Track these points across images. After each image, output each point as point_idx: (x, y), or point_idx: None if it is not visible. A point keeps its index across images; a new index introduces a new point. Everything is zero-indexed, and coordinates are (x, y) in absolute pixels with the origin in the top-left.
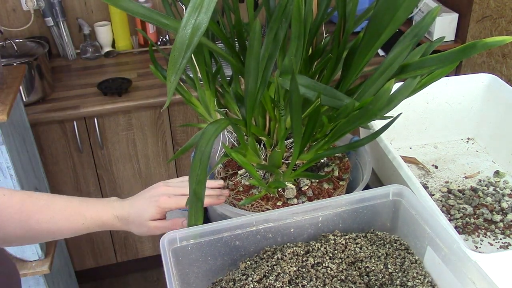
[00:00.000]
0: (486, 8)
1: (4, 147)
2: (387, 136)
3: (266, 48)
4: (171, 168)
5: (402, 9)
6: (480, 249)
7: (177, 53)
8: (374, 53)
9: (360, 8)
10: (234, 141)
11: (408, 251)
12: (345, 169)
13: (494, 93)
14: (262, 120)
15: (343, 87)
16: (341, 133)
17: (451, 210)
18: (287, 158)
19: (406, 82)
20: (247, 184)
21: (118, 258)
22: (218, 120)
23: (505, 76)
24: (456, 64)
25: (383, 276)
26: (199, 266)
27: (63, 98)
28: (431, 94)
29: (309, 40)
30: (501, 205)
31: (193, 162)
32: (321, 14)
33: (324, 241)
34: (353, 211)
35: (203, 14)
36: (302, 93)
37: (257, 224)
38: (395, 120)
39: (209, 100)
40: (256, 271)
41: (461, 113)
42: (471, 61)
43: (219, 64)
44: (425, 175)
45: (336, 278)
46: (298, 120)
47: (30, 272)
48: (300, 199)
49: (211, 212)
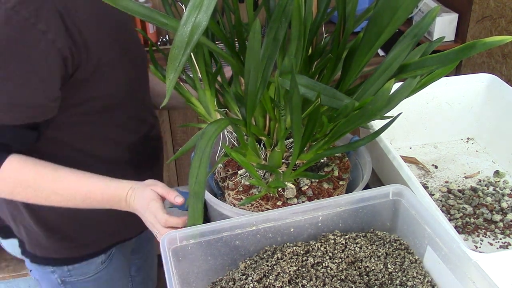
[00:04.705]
0: (486, 8)
1: None
2: (387, 136)
3: (266, 48)
4: (171, 168)
5: (402, 9)
6: (480, 249)
7: (177, 51)
8: (374, 53)
9: (360, 8)
10: (234, 141)
11: (408, 250)
12: (345, 169)
13: (494, 93)
14: (262, 120)
15: (343, 87)
16: (341, 133)
17: (451, 210)
18: (287, 158)
19: (406, 82)
20: (247, 184)
21: None
22: (218, 120)
23: (505, 76)
24: (456, 64)
25: (383, 276)
26: (199, 265)
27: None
28: (431, 94)
29: (309, 40)
30: (501, 205)
31: (193, 162)
32: (321, 14)
33: (324, 241)
34: (353, 211)
35: (203, 13)
36: (302, 93)
37: (257, 224)
38: (395, 120)
39: (209, 100)
40: (256, 270)
41: (461, 113)
42: (471, 61)
43: (219, 64)
44: (425, 175)
45: (336, 277)
46: (298, 120)
47: None
48: (300, 199)
49: (211, 212)
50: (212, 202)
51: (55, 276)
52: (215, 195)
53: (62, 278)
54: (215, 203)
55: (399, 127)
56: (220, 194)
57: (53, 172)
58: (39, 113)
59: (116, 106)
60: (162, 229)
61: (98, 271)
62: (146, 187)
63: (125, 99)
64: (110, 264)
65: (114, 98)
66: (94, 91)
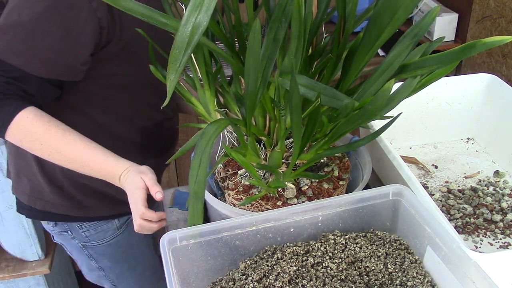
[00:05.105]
0: (486, 8)
1: (4, 147)
2: (387, 136)
3: (266, 48)
4: (171, 168)
5: (402, 9)
6: (480, 249)
7: (177, 51)
8: (374, 53)
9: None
10: (234, 141)
11: (408, 250)
12: (345, 169)
13: (494, 93)
14: (262, 120)
15: (343, 87)
16: (341, 133)
17: (451, 210)
18: (287, 158)
19: (406, 82)
20: (247, 184)
21: None
22: (218, 120)
23: (505, 76)
24: (456, 64)
25: (383, 276)
26: (199, 265)
27: None
28: (431, 94)
29: (309, 40)
30: (501, 205)
31: (193, 162)
32: (321, 14)
33: (324, 241)
34: (353, 211)
35: (204, 13)
36: (302, 93)
37: (257, 224)
38: (395, 120)
39: (209, 100)
40: (256, 270)
41: (461, 113)
42: (471, 61)
43: (219, 64)
44: (425, 175)
45: (336, 277)
46: (298, 120)
47: (30, 272)
48: (300, 199)
49: (211, 212)
50: (212, 202)
51: (76, 241)
52: (215, 195)
53: (82, 243)
54: (215, 203)
55: (399, 127)
56: (220, 194)
57: (62, 133)
58: (68, 73)
59: (135, 88)
60: (138, 219)
61: (115, 236)
62: (137, 174)
63: (144, 85)
64: (126, 230)
65: (134, 80)
66: (118, 68)
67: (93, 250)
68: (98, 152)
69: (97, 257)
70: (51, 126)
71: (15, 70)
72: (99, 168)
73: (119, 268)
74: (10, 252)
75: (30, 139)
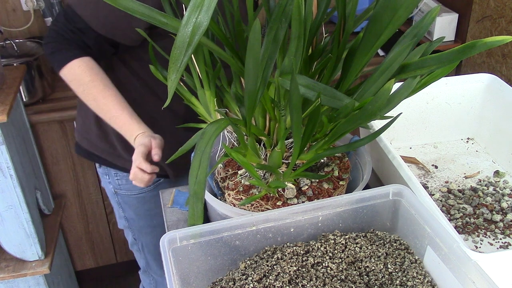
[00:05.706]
0: (486, 8)
1: (4, 147)
2: (387, 136)
3: (266, 48)
4: None
5: (402, 9)
6: (480, 249)
7: (178, 52)
8: (374, 53)
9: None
10: (234, 141)
11: (408, 251)
12: (345, 169)
13: (494, 93)
14: (262, 120)
15: (343, 87)
16: (341, 133)
17: (451, 210)
18: (287, 158)
19: (406, 82)
20: (247, 184)
21: (118, 258)
22: (218, 120)
23: (505, 76)
24: (456, 64)
25: (383, 276)
26: (199, 266)
27: (63, 98)
28: (431, 94)
29: (309, 40)
30: (501, 205)
31: (193, 162)
32: (321, 14)
33: (324, 241)
34: (353, 211)
35: (204, 13)
36: (302, 93)
37: (257, 224)
38: (395, 120)
39: (209, 100)
40: (256, 270)
41: (461, 113)
42: (471, 61)
43: (219, 64)
44: (425, 175)
45: (336, 278)
46: (298, 120)
47: (30, 272)
48: (300, 199)
49: (211, 212)
50: (212, 202)
51: (111, 186)
52: (215, 195)
53: (115, 189)
54: (215, 203)
55: (399, 127)
56: (220, 194)
57: (103, 87)
58: (126, 36)
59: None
60: (135, 167)
61: (142, 192)
62: (149, 136)
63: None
64: (154, 189)
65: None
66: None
67: (122, 199)
68: (126, 112)
69: (125, 206)
70: (97, 79)
71: (80, 21)
72: (122, 124)
73: (141, 222)
74: (10, 252)
75: (77, 84)
